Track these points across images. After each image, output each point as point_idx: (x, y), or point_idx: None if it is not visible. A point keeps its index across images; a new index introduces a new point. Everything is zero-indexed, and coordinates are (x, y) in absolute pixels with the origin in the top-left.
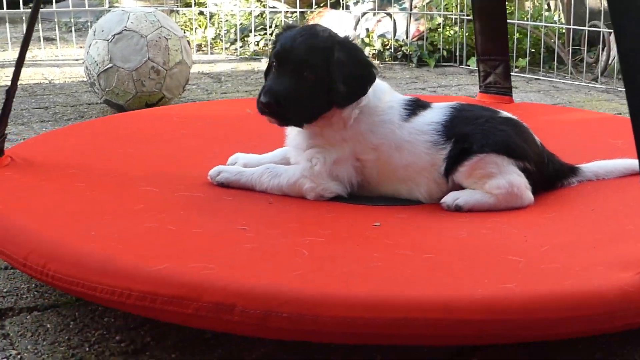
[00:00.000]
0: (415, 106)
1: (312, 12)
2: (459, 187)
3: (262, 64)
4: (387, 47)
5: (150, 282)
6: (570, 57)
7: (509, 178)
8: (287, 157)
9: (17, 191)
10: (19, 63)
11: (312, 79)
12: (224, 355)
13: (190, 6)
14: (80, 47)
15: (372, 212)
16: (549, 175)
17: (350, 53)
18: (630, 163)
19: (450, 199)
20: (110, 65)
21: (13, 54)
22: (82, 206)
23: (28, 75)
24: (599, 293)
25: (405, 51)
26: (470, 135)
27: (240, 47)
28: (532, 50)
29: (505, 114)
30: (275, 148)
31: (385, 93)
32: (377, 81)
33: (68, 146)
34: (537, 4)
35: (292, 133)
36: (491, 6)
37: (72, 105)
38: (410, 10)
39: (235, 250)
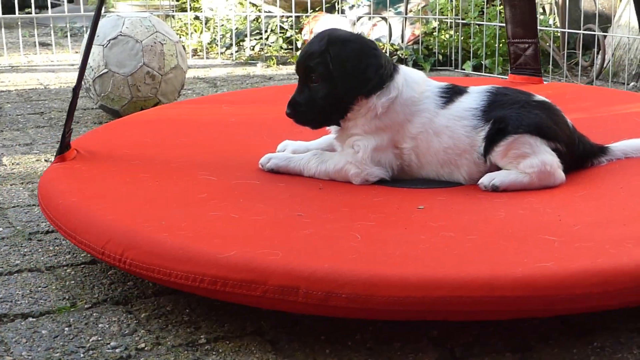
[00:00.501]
0: (452, 93)
1: (307, 16)
2: (497, 168)
3: (258, 69)
4: (383, 51)
5: (221, 267)
6: (565, 60)
7: (541, 157)
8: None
9: (88, 183)
10: (84, 62)
11: (318, 82)
12: None
13: (186, 11)
14: (76, 52)
15: (415, 195)
16: (580, 155)
17: (344, 47)
18: None
19: (487, 179)
20: (106, 70)
21: (8, 59)
22: (150, 196)
23: (23, 81)
24: (629, 269)
25: (400, 55)
26: (506, 117)
27: (236, 51)
28: None
29: (539, 97)
30: (322, 135)
31: (419, 83)
32: (411, 71)
33: (126, 137)
34: None
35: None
36: None
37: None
38: (406, 14)
39: (295, 236)
